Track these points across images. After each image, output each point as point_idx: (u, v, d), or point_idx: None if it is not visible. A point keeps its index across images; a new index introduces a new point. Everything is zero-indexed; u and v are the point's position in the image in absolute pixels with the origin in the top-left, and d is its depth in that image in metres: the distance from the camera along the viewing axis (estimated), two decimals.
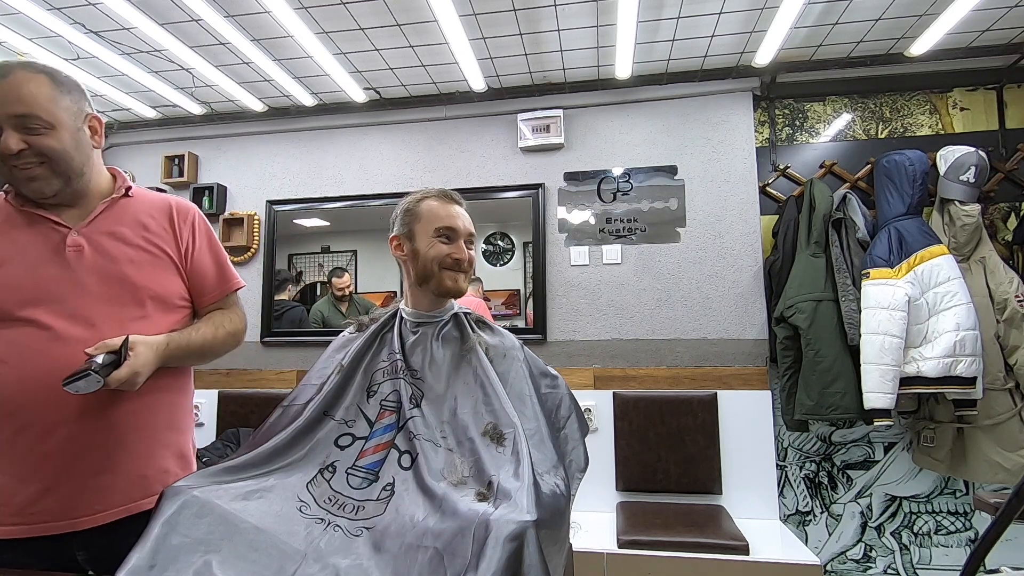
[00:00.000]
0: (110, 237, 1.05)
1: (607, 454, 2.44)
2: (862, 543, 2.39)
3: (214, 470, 0.91)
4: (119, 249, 1.05)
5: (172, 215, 1.13)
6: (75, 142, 1.01)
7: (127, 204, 1.10)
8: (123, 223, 1.07)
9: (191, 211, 1.17)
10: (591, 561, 1.94)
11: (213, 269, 1.17)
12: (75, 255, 1.01)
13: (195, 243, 1.15)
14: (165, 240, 1.11)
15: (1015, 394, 2.06)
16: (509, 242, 2.84)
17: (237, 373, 2.88)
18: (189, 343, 1.09)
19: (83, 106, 1.05)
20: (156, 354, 1.01)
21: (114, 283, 1.02)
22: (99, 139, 1.09)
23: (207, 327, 1.14)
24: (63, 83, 1.01)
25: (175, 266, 1.11)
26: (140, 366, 0.96)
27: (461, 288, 1.12)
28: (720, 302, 2.53)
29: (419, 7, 2.08)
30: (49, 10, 2.08)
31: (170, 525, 0.78)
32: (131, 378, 0.94)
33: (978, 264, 2.18)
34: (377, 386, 1.07)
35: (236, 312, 1.23)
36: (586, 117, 2.74)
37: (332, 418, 1.04)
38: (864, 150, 2.52)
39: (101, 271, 1.02)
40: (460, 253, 1.12)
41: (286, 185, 2.98)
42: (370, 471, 0.96)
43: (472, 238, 1.16)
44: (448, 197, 1.16)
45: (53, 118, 0.97)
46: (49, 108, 0.97)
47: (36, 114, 0.95)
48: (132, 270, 1.04)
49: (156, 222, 1.11)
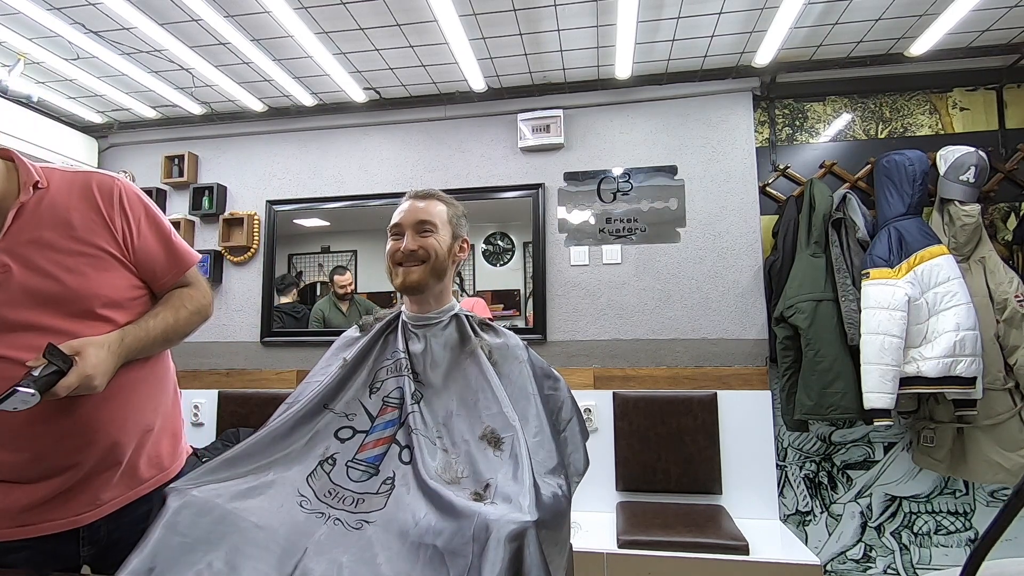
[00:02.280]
0: (35, 247, 0.89)
1: (607, 454, 2.44)
2: (862, 543, 2.39)
3: (213, 465, 0.91)
4: (50, 259, 0.90)
5: (96, 201, 0.97)
6: None
7: (43, 199, 0.93)
8: (44, 226, 0.91)
9: (115, 189, 0.99)
10: (591, 561, 1.94)
11: (161, 251, 1.04)
12: (3, 278, 0.87)
13: (131, 227, 0.99)
14: (98, 234, 0.95)
15: (1015, 394, 2.06)
16: (509, 242, 2.84)
17: (237, 373, 2.88)
18: (148, 333, 0.99)
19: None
20: (110, 352, 0.91)
21: (58, 300, 0.89)
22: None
23: (167, 311, 1.03)
24: None
25: (118, 260, 0.97)
26: (91, 368, 0.86)
27: (407, 281, 1.09)
28: (720, 302, 2.53)
29: (419, 7, 2.08)
30: (49, 10, 2.08)
31: (170, 526, 0.78)
32: (85, 382, 0.85)
33: (978, 264, 2.18)
34: (380, 383, 1.07)
35: (197, 288, 1.11)
36: (586, 117, 2.74)
37: (331, 410, 1.03)
38: (864, 150, 2.52)
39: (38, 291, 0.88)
40: (399, 244, 1.11)
41: (286, 185, 2.98)
42: (371, 464, 0.96)
43: (425, 225, 1.11)
44: (409, 195, 1.17)
45: None
46: None
47: None
48: (73, 280, 0.91)
49: (81, 215, 0.94)
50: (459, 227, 1.18)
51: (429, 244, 1.11)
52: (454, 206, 1.19)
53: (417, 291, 1.12)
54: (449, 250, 1.15)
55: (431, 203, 1.15)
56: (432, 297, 1.15)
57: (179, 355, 3.01)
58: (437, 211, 1.14)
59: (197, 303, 1.09)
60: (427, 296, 1.14)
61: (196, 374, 2.92)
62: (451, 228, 1.16)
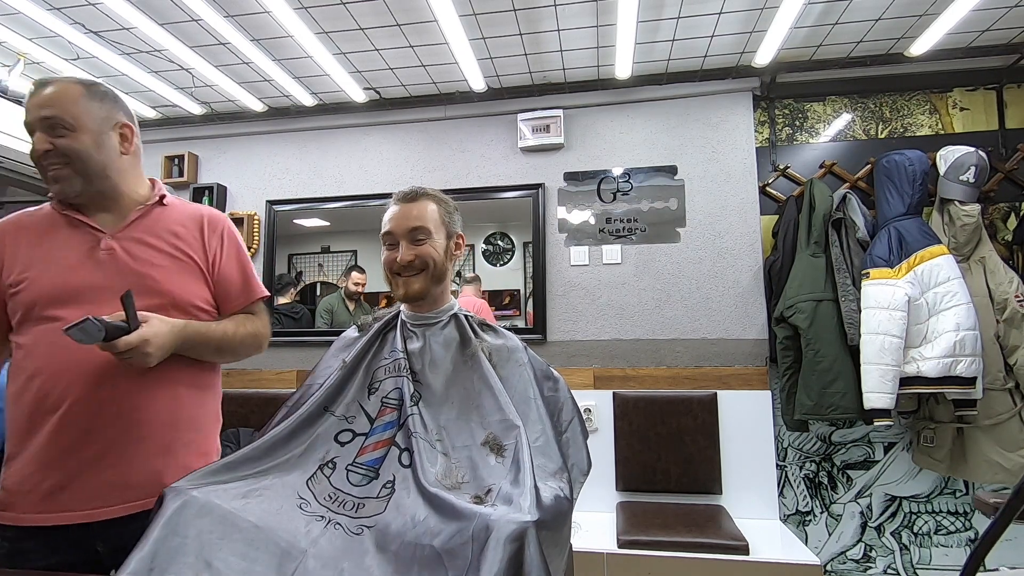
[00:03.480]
0: (140, 243, 1.11)
1: (607, 454, 2.44)
2: (862, 543, 2.39)
3: (214, 468, 0.91)
4: (147, 253, 1.10)
5: (203, 225, 1.19)
6: (96, 144, 1.07)
7: (161, 212, 1.16)
8: (155, 230, 1.13)
9: (221, 222, 1.22)
10: (591, 561, 1.93)
11: (238, 278, 1.22)
12: (107, 258, 1.08)
13: (222, 253, 1.19)
14: (193, 248, 1.15)
15: (1015, 394, 2.06)
16: (509, 242, 2.84)
17: (237, 373, 2.88)
18: (207, 332, 1.12)
19: (114, 114, 1.11)
20: (171, 330, 1.04)
21: (139, 285, 1.06)
22: (128, 146, 1.14)
23: (228, 323, 1.18)
24: (94, 91, 1.09)
25: (201, 273, 1.16)
26: (151, 335, 0.98)
27: (409, 292, 1.08)
28: (720, 302, 2.53)
29: (419, 7, 2.08)
30: (49, 10, 2.08)
31: (170, 526, 0.78)
32: (141, 346, 0.97)
33: (978, 264, 2.18)
34: (379, 383, 1.07)
35: (260, 318, 1.27)
36: (586, 117, 2.74)
37: (332, 414, 1.03)
38: (864, 150, 2.52)
39: (129, 273, 1.07)
40: (395, 255, 1.08)
41: (286, 185, 2.98)
42: (370, 468, 0.95)
43: (418, 232, 1.08)
44: (396, 198, 1.13)
45: (76, 121, 1.04)
46: (73, 112, 1.04)
47: (60, 116, 1.03)
48: (157, 273, 1.10)
49: (187, 231, 1.16)
50: (452, 224, 1.15)
51: (425, 252, 1.08)
52: (444, 203, 1.15)
53: (420, 300, 1.11)
54: (446, 252, 1.12)
55: (421, 205, 1.11)
56: (434, 300, 1.14)
57: None
58: (429, 213, 1.11)
59: (255, 328, 1.23)
60: (428, 300, 1.13)
61: None
62: (445, 228, 1.13)
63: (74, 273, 1.05)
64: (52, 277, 1.05)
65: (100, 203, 1.11)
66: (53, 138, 1.03)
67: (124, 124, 1.13)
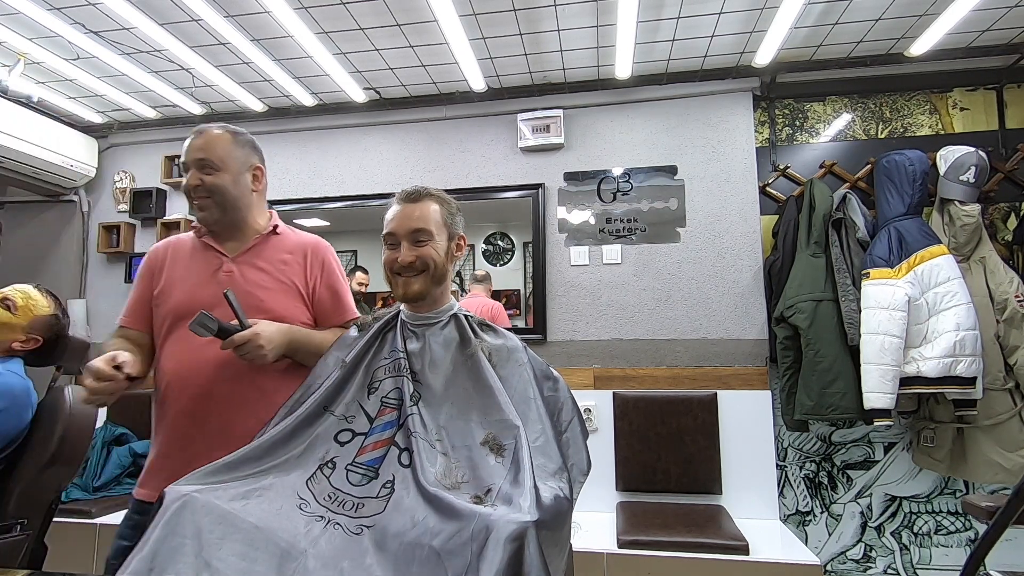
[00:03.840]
0: (253, 267, 1.28)
1: (607, 454, 2.44)
2: (862, 543, 2.39)
3: (214, 467, 0.91)
4: (258, 277, 1.28)
5: (307, 254, 1.34)
6: (235, 182, 1.28)
7: (274, 241, 1.34)
8: (266, 256, 1.30)
9: (322, 252, 1.36)
10: (591, 561, 1.93)
11: (332, 301, 1.35)
12: (225, 278, 1.25)
13: (321, 279, 1.34)
14: (296, 273, 1.31)
15: (1015, 394, 2.06)
16: (509, 242, 2.84)
17: None
18: (309, 337, 1.26)
19: (251, 158, 1.35)
20: (279, 329, 1.17)
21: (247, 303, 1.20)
22: (258, 184, 1.36)
23: (327, 333, 1.32)
24: (239, 139, 1.33)
25: (301, 295, 1.31)
26: (261, 331, 1.11)
27: (409, 292, 1.09)
28: (720, 302, 2.53)
29: (419, 7, 2.08)
30: (49, 10, 2.08)
31: (170, 527, 0.78)
32: (253, 338, 1.09)
33: (978, 264, 2.18)
34: (379, 383, 1.07)
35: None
36: (586, 117, 2.74)
37: (332, 413, 1.03)
38: (864, 150, 2.52)
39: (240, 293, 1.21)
40: (396, 255, 1.09)
41: (286, 185, 2.98)
42: (370, 468, 0.95)
43: (420, 234, 1.09)
44: (399, 197, 1.14)
45: (222, 162, 1.26)
46: (220, 154, 1.26)
47: (210, 158, 1.25)
48: (263, 294, 1.26)
49: (293, 257, 1.32)
50: (454, 226, 1.15)
51: (426, 254, 1.09)
52: (447, 203, 1.16)
53: (419, 300, 1.11)
54: (447, 253, 1.12)
55: (423, 205, 1.11)
56: (434, 301, 1.14)
57: None
58: (431, 214, 1.11)
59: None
60: (428, 301, 1.13)
61: None
62: (447, 229, 1.13)
63: (200, 290, 1.24)
64: (183, 292, 1.25)
65: (230, 231, 1.30)
66: (203, 175, 1.24)
67: (257, 167, 1.36)
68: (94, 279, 3.13)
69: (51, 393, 1.51)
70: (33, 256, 3.15)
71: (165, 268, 1.30)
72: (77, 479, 2.42)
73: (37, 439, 1.43)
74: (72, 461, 1.47)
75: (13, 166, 2.71)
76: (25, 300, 1.50)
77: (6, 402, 1.38)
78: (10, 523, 1.36)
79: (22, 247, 3.17)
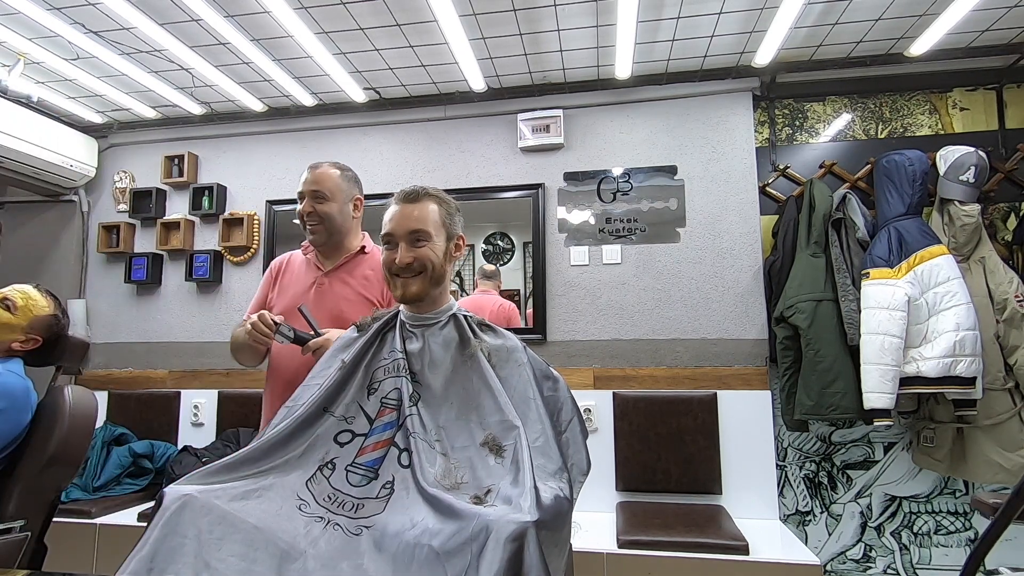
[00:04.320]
0: (340, 281, 1.51)
1: (607, 454, 2.44)
2: (862, 543, 2.39)
3: (213, 468, 0.91)
4: (343, 290, 1.50)
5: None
6: (340, 211, 1.52)
7: (361, 259, 1.56)
8: (354, 273, 1.53)
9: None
10: (591, 561, 1.93)
11: None
12: (318, 290, 1.50)
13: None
14: (375, 289, 1.51)
15: (1015, 394, 2.06)
16: (509, 242, 2.84)
17: (237, 373, 2.88)
18: None
19: (354, 191, 1.58)
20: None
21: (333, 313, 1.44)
22: (358, 212, 1.60)
23: None
24: (345, 175, 1.56)
25: (375, 307, 1.47)
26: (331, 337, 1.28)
27: (407, 293, 1.09)
28: (720, 302, 2.53)
29: (419, 7, 2.08)
30: (49, 10, 2.08)
31: (169, 527, 0.78)
32: (324, 344, 1.27)
33: (978, 264, 2.18)
34: (378, 383, 1.07)
35: None
36: (586, 117, 2.74)
37: (331, 414, 1.03)
38: (864, 150, 2.52)
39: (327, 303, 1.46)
40: (394, 255, 1.09)
41: (286, 185, 2.98)
42: (370, 468, 0.95)
43: (418, 235, 1.09)
44: (398, 198, 1.13)
45: (331, 193, 1.50)
46: (329, 187, 1.50)
47: (321, 189, 1.50)
48: (344, 305, 1.48)
49: (375, 274, 1.52)
50: (453, 226, 1.15)
51: (424, 255, 1.09)
52: (446, 203, 1.15)
53: (417, 301, 1.11)
54: (445, 254, 1.12)
55: (422, 206, 1.11)
56: (433, 301, 1.14)
57: (179, 355, 3.02)
58: (430, 215, 1.11)
59: None
60: (427, 301, 1.13)
61: (196, 374, 2.92)
62: (445, 230, 1.13)
63: (299, 298, 1.48)
64: (286, 299, 1.52)
65: (331, 250, 1.54)
66: (315, 203, 1.49)
67: (358, 198, 1.59)
68: (94, 279, 3.13)
69: (51, 393, 1.51)
70: (33, 256, 3.15)
71: (279, 277, 1.57)
72: (77, 479, 2.42)
73: (37, 439, 1.43)
74: (72, 461, 1.47)
75: (13, 166, 2.71)
76: (25, 300, 1.50)
77: (6, 402, 1.38)
78: (10, 523, 1.36)
79: (22, 247, 3.17)
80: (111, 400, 2.93)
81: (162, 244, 3.01)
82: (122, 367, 3.03)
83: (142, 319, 3.04)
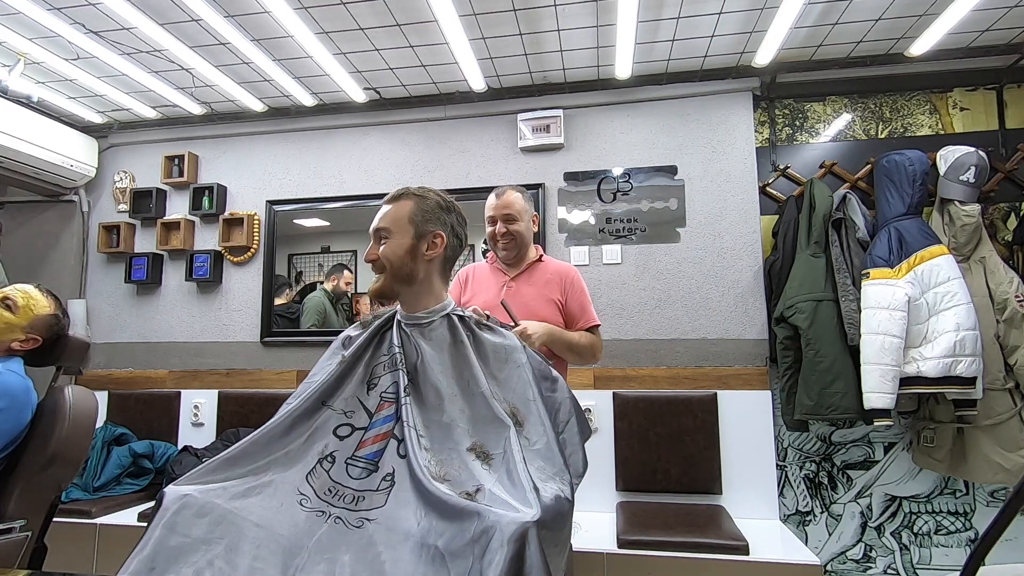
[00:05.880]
0: (526, 284, 1.75)
1: (607, 454, 2.44)
2: (862, 543, 2.39)
3: (213, 464, 0.91)
4: (528, 292, 1.73)
5: (563, 277, 1.76)
6: (526, 229, 1.74)
7: (540, 267, 1.79)
8: (534, 278, 1.77)
9: (572, 275, 1.78)
10: (591, 561, 1.93)
11: (578, 311, 1.75)
12: (508, 291, 1.72)
13: (572, 295, 1.75)
14: (555, 290, 1.74)
15: (1015, 394, 2.06)
16: None
17: (237, 373, 2.88)
18: (563, 333, 1.66)
19: (532, 209, 1.80)
20: (542, 327, 1.57)
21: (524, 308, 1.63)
22: (535, 228, 1.81)
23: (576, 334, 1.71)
24: (526, 196, 1.78)
25: (557, 306, 1.72)
26: (527, 325, 1.49)
27: (373, 290, 1.13)
28: (720, 302, 2.53)
29: (419, 7, 2.08)
30: (49, 10, 2.08)
31: (169, 526, 0.78)
32: (523, 330, 1.42)
33: (978, 264, 2.18)
34: (377, 379, 1.08)
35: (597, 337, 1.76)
36: (586, 117, 2.74)
37: (330, 407, 1.03)
38: (864, 150, 2.52)
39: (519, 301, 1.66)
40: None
41: (286, 185, 2.98)
42: (370, 461, 0.96)
43: (380, 232, 1.13)
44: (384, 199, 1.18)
45: (519, 215, 1.72)
46: (517, 209, 1.72)
47: (511, 212, 1.72)
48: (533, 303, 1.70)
49: (554, 279, 1.75)
50: (427, 223, 1.13)
51: (382, 252, 1.12)
52: (423, 200, 1.15)
53: (384, 298, 1.13)
54: (410, 251, 1.11)
55: (399, 205, 1.14)
56: (413, 299, 1.14)
57: (179, 355, 3.01)
58: (398, 212, 1.13)
59: (591, 342, 1.73)
60: (406, 299, 1.14)
61: (196, 374, 2.92)
62: (413, 227, 1.12)
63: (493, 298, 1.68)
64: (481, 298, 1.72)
65: (515, 261, 1.78)
66: (507, 225, 1.71)
67: (535, 215, 1.81)
68: (94, 279, 3.13)
69: (51, 393, 1.51)
70: (33, 256, 3.15)
71: (470, 283, 1.82)
72: (77, 479, 2.42)
73: (37, 439, 1.43)
74: (72, 461, 1.47)
75: (13, 166, 2.71)
76: (25, 300, 1.50)
77: (6, 402, 1.38)
78: (10, 523, 1.36)
79: (22, 247, 3.17)
80: (111, 400, 2.93)
81: (162, 244, 3.01)
82: (122, 367, 3.03)
83: (142, 319, 3.04)
